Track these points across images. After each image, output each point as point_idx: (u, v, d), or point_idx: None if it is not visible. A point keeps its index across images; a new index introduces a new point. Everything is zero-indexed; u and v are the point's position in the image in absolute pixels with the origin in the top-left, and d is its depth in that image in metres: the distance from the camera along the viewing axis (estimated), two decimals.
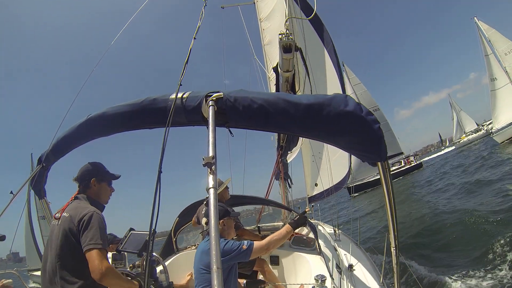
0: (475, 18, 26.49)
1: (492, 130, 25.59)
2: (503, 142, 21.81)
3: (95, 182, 1.71)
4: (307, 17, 4.88)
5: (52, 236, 1.52)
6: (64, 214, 1.53)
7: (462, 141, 43.78)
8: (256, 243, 1.91)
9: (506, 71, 24.39)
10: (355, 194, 21.08)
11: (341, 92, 6.11)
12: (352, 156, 6.86)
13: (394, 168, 27.90)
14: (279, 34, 2.87)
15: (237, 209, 3.68)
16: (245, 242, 1.89)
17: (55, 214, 1.61)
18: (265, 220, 4.64)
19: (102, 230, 1.44)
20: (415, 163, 28.70)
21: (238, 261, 1.90)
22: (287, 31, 2.90)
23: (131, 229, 1.74)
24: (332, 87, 6.16)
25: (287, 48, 2.88)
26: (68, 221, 1.47)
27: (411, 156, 31.61)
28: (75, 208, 1.53)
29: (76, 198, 1.65)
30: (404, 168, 27.46)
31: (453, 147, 47.23)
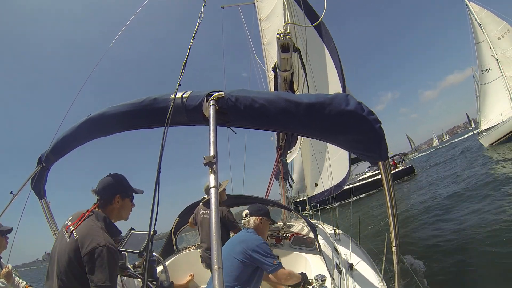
0: (465, 0, 22.00)
1: (479, 131, 21.23)
2: (492, 144, 18.11)
3: (119, 199, 1.54)
4: (307, 16, 4.88)
5: (58, 250, 1.36)
6: (74, 234, 1.34)
7: None
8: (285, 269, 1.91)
9: (497, 59, 20.07)
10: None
11: (341, 92, 6.10)
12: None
13: (367, 174, 20.01)
14: (277, 34, 2.86)
15: (236, 209, 3.68)
16: (278, 259, 1.91)
17: (68, 224, 1.42)
18: None
19: (112, 268, 1.27)
20: (402, 167, 20.31)
21: (262, 267, 1.89)
22: (285, 31, 2.89)
23: (132, 229, 1.73)
24: (333, 87, 6.16)
25: (285, 47, 2.87)
26: (75, 247, 1.29)
27: (397, 155, 22.90)
28: (87, 233, 1.33)
29: (93, 212, 1.46)
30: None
31: (477, 130, 41.39)
